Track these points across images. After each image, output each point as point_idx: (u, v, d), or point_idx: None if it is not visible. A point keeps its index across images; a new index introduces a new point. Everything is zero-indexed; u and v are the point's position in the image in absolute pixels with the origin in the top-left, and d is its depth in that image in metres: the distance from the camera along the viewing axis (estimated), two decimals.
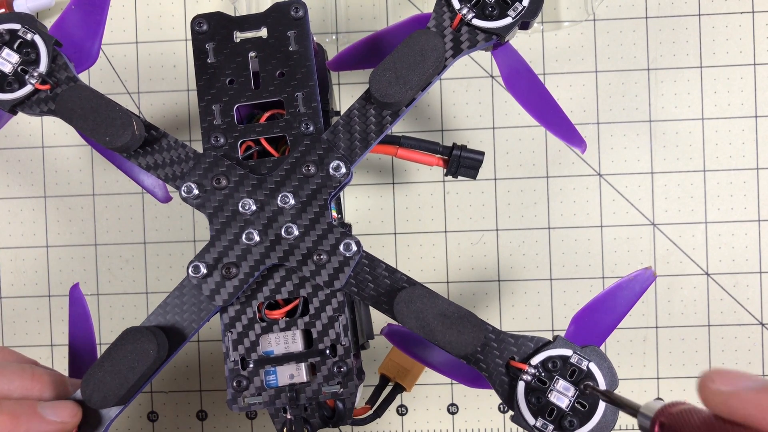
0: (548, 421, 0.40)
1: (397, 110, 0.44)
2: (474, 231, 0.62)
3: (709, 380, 0.26)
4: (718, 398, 0.26)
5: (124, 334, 0.41)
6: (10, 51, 0.44)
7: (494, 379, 0.41)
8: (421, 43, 0.42)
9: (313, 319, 0.44)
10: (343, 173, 0.43)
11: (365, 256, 0.43)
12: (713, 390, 0.26)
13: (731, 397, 0.25)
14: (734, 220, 0.60)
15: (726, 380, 0.26)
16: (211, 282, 0.43)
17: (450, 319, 0.40)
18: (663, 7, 0.60)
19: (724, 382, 0.26)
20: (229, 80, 0.45)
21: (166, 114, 0.62)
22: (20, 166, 0.63)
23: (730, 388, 0.26)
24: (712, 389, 0.26)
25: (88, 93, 0.43)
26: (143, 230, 0.63)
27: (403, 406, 0.62)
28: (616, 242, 0.60)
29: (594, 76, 0.60)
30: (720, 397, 0.26)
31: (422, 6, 0.61)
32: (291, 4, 0.45)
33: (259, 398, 0.43)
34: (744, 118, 0.60)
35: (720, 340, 0.60)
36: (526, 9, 0.43)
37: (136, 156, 0.45)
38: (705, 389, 0.26)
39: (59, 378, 0.43)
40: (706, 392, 0.26)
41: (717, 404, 0.26)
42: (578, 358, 0.41)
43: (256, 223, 0.43)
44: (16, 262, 0.63)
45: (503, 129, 0.61)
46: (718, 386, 0.26)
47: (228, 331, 0.44)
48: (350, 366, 0.43)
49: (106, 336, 0.63)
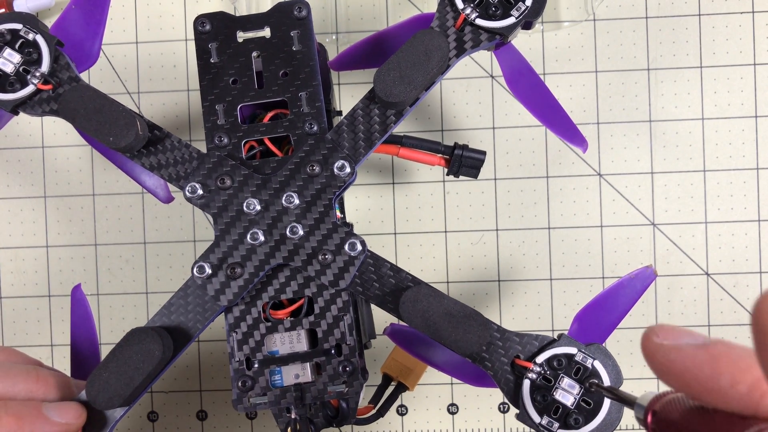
0: (553, 418, 0.40)
1: (401, 110, 0.44)
2: (474, 231, 0.62)
3: (653, 333, 0.26)
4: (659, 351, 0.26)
5: (129, 335, 0.41)
6: (12, 51, 0.44)
7: (499, 378, 0.42)
8: (425, 43, 0.42)
9: (318, 318, 0.44)
10: (347, 173, 0.43)
11: (370, 255, 0.43)
12: (655, 343, 0.26)
13: (671, 350, 0.25)
14: (734, 220, 0.60)
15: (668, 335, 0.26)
16: (216, 282, 0.43)
17: (456, 318, 0.40)
18: (663, 7, 0.60)
19: (666, 337, 0.26)
20: (232, 80, 0.45)
21: (167, 114, 0.62)
22: (20, 166, 0.63)
23: (671, 342, 0.25)
24: (654, 342, 0.26)
25: (92, 93, 0.43)
26: (143, 230, 0.63)
27: (403, 406, 0.62)
28: (616, 242, 0.61)
29: (594, 76, 0.61)
30: (661, 350, 0.26)
31: (422, 6, 0.61)
32: (294, 4, 0.45)
33: (265, 398, 0.43)
34: (744, 118, 0.60)
35: None
36: (529, 9, 0.43)
37: (140, 156, 0.45)
38: (647, 342, 0.26)
39: (64, 379, 0.43)
40: (648, 345, 0.26)
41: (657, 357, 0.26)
42: (583, 356, 0.41)
43: (260, 223, 0.43)
44: (16, 262, 0.63)
45: (503, 129, 0.61)
46: (660, 340, 0.26)
47: (233, 331, 0.44)
48: (356, 365, 0.43)
49: (106, 336, 0.62)
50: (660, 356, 0.26)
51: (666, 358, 0.25)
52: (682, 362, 0.25)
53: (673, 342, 0.25)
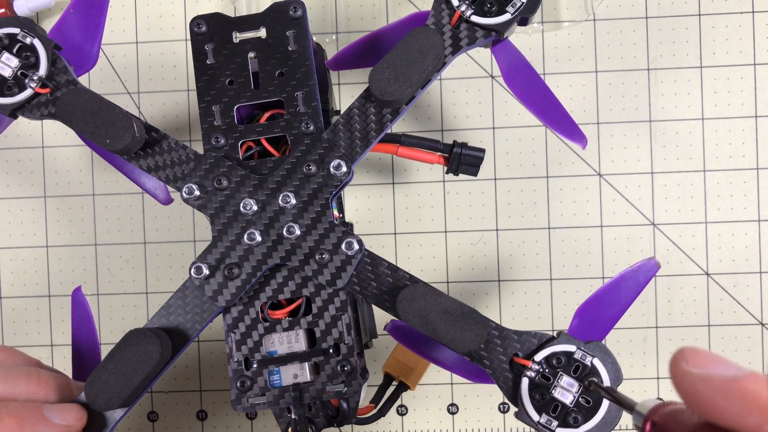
0: (552, 417, 0.40)
1: (397, 108, 0.44)
2: (474, 231, 0.62)
3: (682, 359, 0.25)
4: (687, 379, 0.25)
5: (128, 336, 0.41)
6: (10, 55, 0.44)
7: (498, 376, 0.41)
8: (420, 41, 0.42)
9: (316, 318, 0.44)
10: (344, 172, 0.43)
11: (367, 254, 0.43)
12: (683, 370, 0.25)
13: (701, 381, 0.24)
14: (734, 220, 0.60)
15: (699, 362, 0.25)
16: (214, 283, 0.43)
17: (453, 317, 0.40)
18: (663, 7, 0.60)
19: (696, 364, 0.25)
20: (228, 81, 0.45)
21: (166, 114, 0.62)
22: (20, 166, 0.63)
23: (701, 371, 0.24)
24: (683, 369, 0.25)
25: (88, 96, 0.43)
26: (143, 230, 0.63)
27: (403, 406, 0.62)
28: (616, 242, 0.61)
29: (594, 76, 0.60)
30: (689, 378, 0.24)
31: (422, 6, 0.61)
32: (289, 4, 0.45)
33: (263, 398, 0.43)
34: (744, 118, 0.60)
35: (720, 340, 0.60)
36: (524, 5, 0.43)
37: (137, 158, 0.45)
38: (676, 368, 0.25)
39: (64, 381, 0.43)
40: (676, 371, 0.25)
41: (685, 385, 0.25)
42: (582, 354, 0.41)
43: (257, 223, 0.43)
44: (16, 262, 0.63)
45: (503, 129, 0.61)
46: (690, 367, 0.25)
47: (231, 331, 0.44)
48: (354, 365, 0.43)
49: (105, 336, 0.62)
50: (687, 384, 0.25)
51: (693, 387, 0.24)
52: (711, 395, 0.24)
53: (703, 372, 0.24)
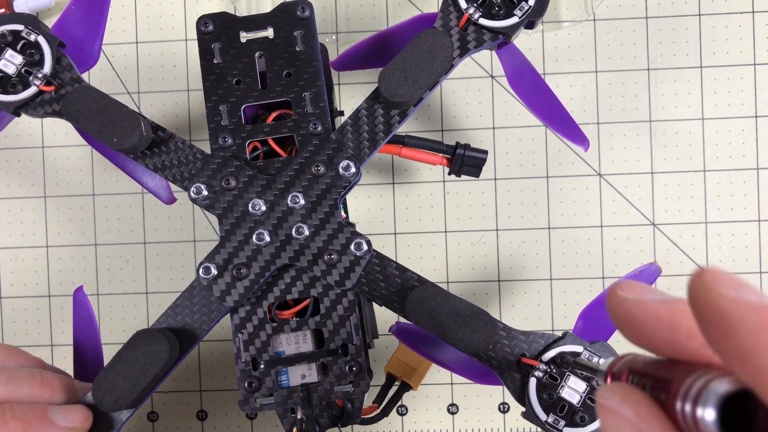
0: (560, 417, 0.40)
1: (405, 110, 0.44)
2: (474, 231, 0.62)
3: (618, 287, 0.26)
4: (622, 305, 0.26)
5: (135, 337, 0.41)
6: (14, 52, 0.44)
7: (505, 376, 0.42)
8: (429, 43, 0.42)
9: (324, 318, 0.44)
10: (352, 173, 0.43)
11: (376, 255, 0.44)
12: (619, 296, 0.26)
13: (634, 304, 0.26)
14: (734, 220, 0.60)
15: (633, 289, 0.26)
16: (222, 283, 0.43)
17: (463, 317, 0.40)
18: (663, 7, 0.60)
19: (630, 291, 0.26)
20: (235, 81, 0.45)
21: (167, 114, 0.62)
22: (20, 166, 0.62)
23: (635, 296, 0.26)
24: (618, 295, 0.26)
25: (95, 94, 0.43)
26: (143, 230, 0.62)
27: (403, 406, 0.62)
28: (616, 242, 0.61)
29: (594, 76, 0.61)
30: (624, 303, 0.26)
31: (422, 6, 0.61)
32: (297, 4, 0.45)
33: (271, 399, 0.43)
34: (744, 118, 0.60)
35: None
36: (532, 8, 0.44)
37: (143, 158, 0.45)
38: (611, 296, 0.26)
39: (69, 382, 0.42)
40: (612, 298, 0.26)
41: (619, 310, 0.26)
42: (589, 354, 0.41)
43: (266, 223, 0.43)
44: (16, 262, 0.63)
45: (503, 129, 0.61)
46: (624, 294, 0.26)
47: (239, 331, 0.44)
48: (362, 365, 0.43)
49: (106, 336, 0.62)
50: (622, 309, 0.26)
51: (628, 311, 0.26)
52: (643, 316, 0.25)
53: (636, 296, 0.26)
